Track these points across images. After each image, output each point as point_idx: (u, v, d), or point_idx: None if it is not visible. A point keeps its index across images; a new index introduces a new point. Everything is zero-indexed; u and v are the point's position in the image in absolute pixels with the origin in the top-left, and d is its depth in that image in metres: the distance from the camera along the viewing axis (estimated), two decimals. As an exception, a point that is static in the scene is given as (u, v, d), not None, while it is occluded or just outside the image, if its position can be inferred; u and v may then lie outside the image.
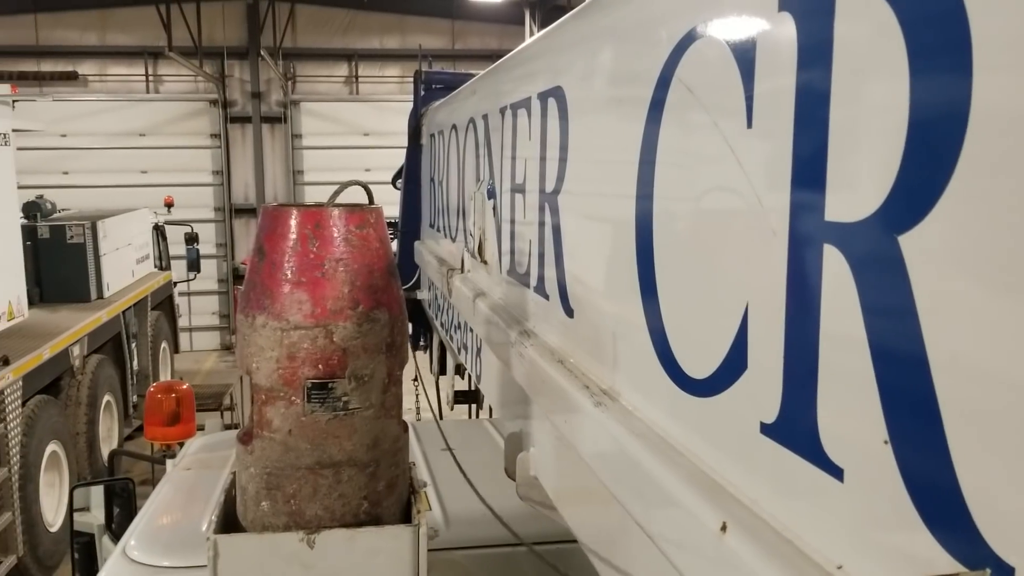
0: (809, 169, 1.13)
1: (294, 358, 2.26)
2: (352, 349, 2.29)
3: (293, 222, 2.34)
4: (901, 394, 0.96)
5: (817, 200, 1.10)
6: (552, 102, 2.44)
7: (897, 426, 0.96)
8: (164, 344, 13.68)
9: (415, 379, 7.62)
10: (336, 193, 2.55)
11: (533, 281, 2.71)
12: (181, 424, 4.03)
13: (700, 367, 1.47)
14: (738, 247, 1.35)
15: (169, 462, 3.81)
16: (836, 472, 1.07)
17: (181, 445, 4.18)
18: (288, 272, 2.31)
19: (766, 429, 1.24)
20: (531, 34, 17.29)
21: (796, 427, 1.16)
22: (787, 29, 1.17)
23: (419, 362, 7.34)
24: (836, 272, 1.07)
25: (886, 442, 0.97)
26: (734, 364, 1.34)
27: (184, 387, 4.03)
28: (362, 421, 2.29)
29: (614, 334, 1.94)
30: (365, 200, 2.62)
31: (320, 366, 2.26)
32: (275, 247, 2.35)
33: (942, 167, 0.88)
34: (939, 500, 0.91)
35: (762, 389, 1.25)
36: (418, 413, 7.81)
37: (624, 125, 1.79)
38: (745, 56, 1.29)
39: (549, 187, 2.49)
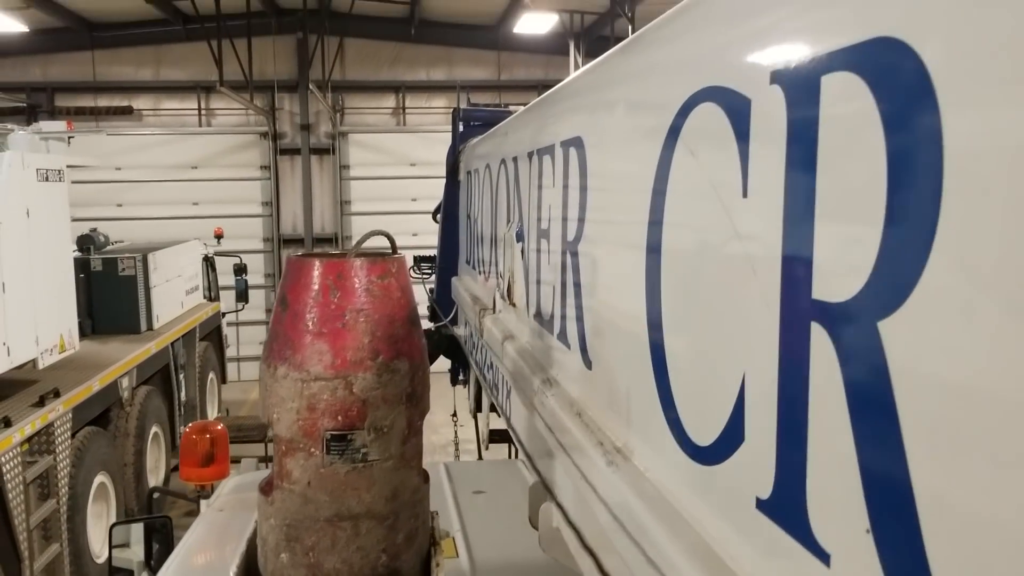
0: (797, 244, 1.12)
1: (314, 409, 2.28)
2: (372, 400, 2.30)
3: (315, 273, 2.37)
4: (882, 484, 0.94)
5: (804, 277, 1.09)
6: (573, 151, 2.45)
7: (878, 515, 0.94)
8: (212, 375, 13.85)
9: (454, 414, 7.66)
10: (359, 243, 2.58)
11: (556, 328, 2.70)
12: (215, 465, 4.08)
13: (703, 434, 1.46)
14: (735, 315, 1.34)
15: (203, 502, 3.86)
16: (824, 557, 1.05)
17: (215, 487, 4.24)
18: (309, 323, 2.33)
19: (761, 505, 1.22)
20: (575, 65, 17.35)
21: (788, 507, 1.14)
22: (777, 102, 1.16)
23: (458, 397, 7.37)
24: (822, 353, 1.05)
25: (868, 531, 0.95)
26: (733, 435, 1.33)
27: (219, 428, 4.08)
28: (381, 472, 2.30)
29: (628, 391, 1.93)
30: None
31: (339, 417, 2.28)
32: (297, 298, 2.37)
33: (917, 256, 0.87)
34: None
35: (758, 463, 1.23)
36: (456, 449, 7.83)
37: (633, 184, 1.79)
38: (741, 126, 1.28)
39: (570, 236, 2.49)
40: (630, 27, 13.82)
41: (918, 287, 0.88)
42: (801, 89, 1.10)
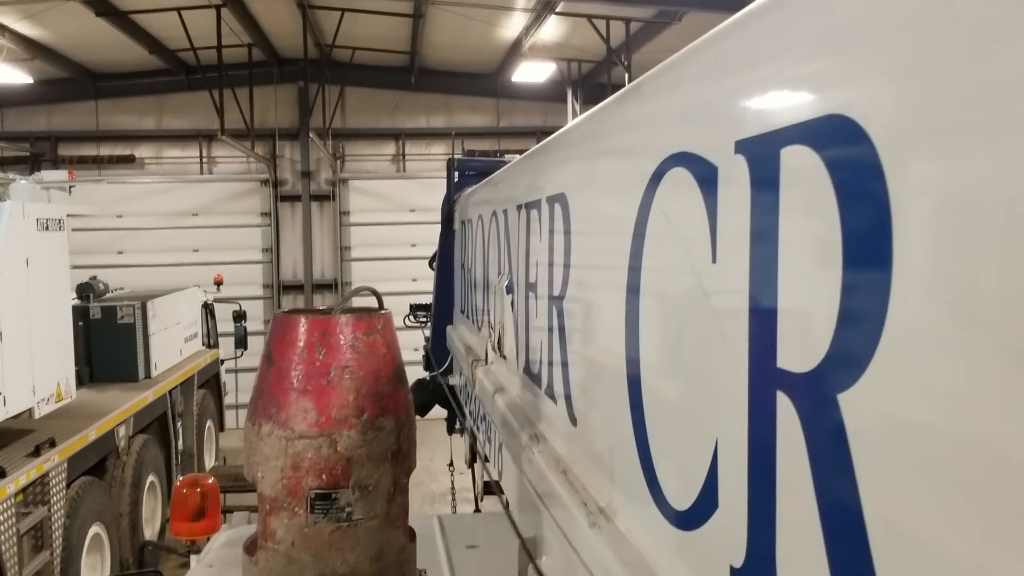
0: (761, 312, 1.12)
1: (298, 468, 2.27)
2: (356, 458, 2.29)
3: (301, 329, 2.37)
4: (847, 563, 0.93)
5: (769, 345, 1.09)
6: (558, 207, 2.46)
7: (844, 593, 0.93)
8: (209, 422, 13.76)
9: (450, 464, 7.60)
10: (346, 299, 2.58)
11: (544, 383, 2.70)
12: (206, 519, 4.04)
13: (680, 498, 1.45)
14: (709, 380, 1.33)
15: (193, 557, 3.82)
16: (793, 632, 1.04)
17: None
18: (294, 380, 2.33)
19: (735, 573, 1.21)
20: (574, 112, 17.50)
21: (759, 577, 1.13)
22: (741, 171, 1.17)
23: (455, 446, 7.32)
24: (787, 422, 1.05)
25: (834, 608, 0.94)
26: (708, 501, 1.32)
27: (209, 481, 4.04)
28: (366, 532, 2.28)
29: (611, 450, 1.92)
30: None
31: (324, 476, 2.26)
32: (283, 355, 2.37)
33: (873, 325, 0.87)
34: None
35: (731, 531, 1.22)
36: (453, 499, 7.75)
37: (611, 246, 1.79)
38: (709, 193, 1.29)
39: (555, 291, 2.49)
40: (627, 75, 13.96)
41: (875, 358, 0.88)
42: (762, 160, 1.11)
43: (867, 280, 0.90)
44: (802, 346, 1.02)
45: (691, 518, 1.40)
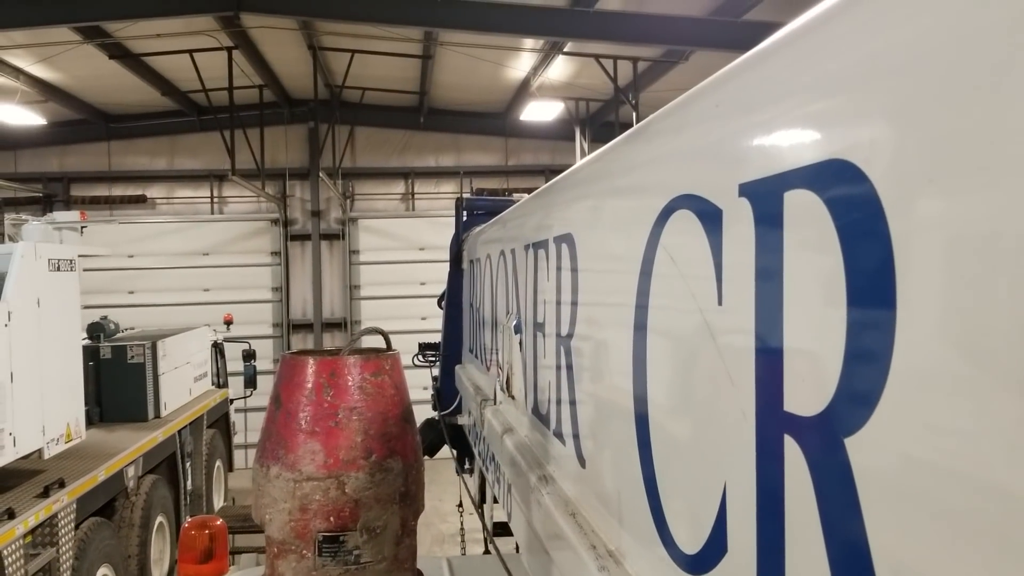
0: (767, 354, 1.12)
1: (306, 510, 2.26)
2: (364, 500, 2.28)
3: (309, 371, 2.37)
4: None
5: (775, 388, 1.09)
6: (565, 247, 2.47)
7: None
8: (219, 463, 13.70)
9: (459, 504, 7.56)
10: (353, 340, 2.59)
11: (553, 424, 2.69)
12: (214, 561, 4.01)
13: (690, 542, 1.44)
14: (717, 423, 1.33)
15: (201, 600, 3.79)
16: None
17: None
18: (302, 421, 2.33)
19: (745, 621, 1.20)
20: (582, 151, 17.59)
21: (769, 624, 1.12)
22: (745, 214, 1.17)
23: (463, 487, 7.27)
24: (795, 466, 1.04)
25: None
26: (717, 544, 1.31)
27: (217, 523, 4.01)
28: (374, 575, 2.26)
29: (619, 493, 1.91)
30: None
31: (332, 518, 2.25)
32: (291, 396, 2.37)
33: (879, 369, 0.87)
34: None
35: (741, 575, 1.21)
36: (462, 540, 7.70)
37: (618, 288, 1.80)
38: (714, 235, 1.30)
39: (563, 331, 2.49)
40: (634, 114, 14.05)
41: (881, 401, 0.87)
42: (766, 203, 1.11)
43: (871, 324, 0.90)
44: (808, 390, 1.02)
45: (701, 562, 1.39)
